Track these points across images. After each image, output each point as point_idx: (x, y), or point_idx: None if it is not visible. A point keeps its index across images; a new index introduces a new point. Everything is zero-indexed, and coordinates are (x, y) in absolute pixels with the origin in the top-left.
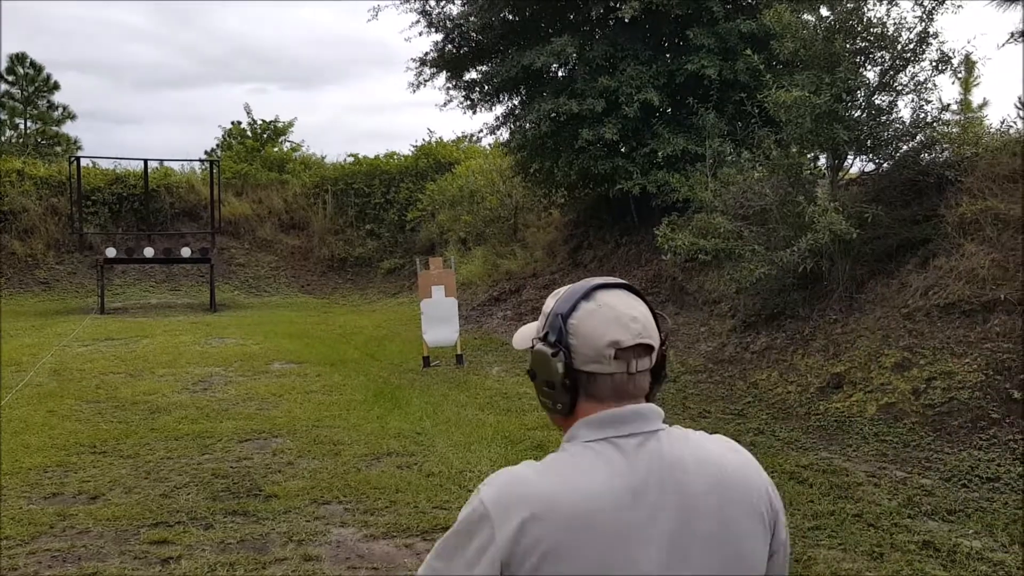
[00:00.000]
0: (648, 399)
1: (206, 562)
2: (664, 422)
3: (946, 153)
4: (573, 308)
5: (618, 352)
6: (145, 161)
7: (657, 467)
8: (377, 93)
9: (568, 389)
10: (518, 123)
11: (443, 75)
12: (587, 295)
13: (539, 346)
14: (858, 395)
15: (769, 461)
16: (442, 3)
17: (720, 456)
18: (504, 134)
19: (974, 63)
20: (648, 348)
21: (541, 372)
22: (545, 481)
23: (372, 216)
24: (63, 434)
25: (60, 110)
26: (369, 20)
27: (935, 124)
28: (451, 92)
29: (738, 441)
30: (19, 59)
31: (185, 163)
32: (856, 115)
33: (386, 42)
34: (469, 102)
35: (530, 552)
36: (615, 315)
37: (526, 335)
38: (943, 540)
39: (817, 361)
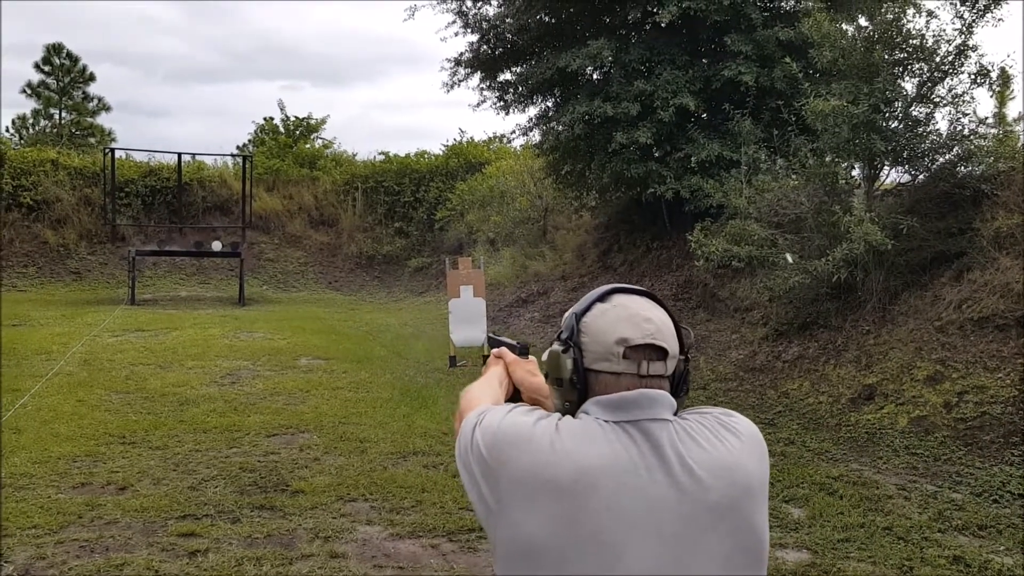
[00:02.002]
0: None
1: (233, 556)
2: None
3: (982, 166)
4: (588, 308)
5: (627, 351)
6: (179, 155)
7: (664, 457)
8: (406, 92)
9: (576, 387)
10: (551, 125)
11: (477, 75)
12: (603, 297)
13: (553, 346)
14: (889, 407)
15: (799, 472)
16: (479, 4)
17: (729, 458)
18: (536, 135)
19: (1010, 76)
20: (661, 352)
21: (552, 370)
22: (559, 443)
23: (401, 214)
24: (92, 424)
25: (95, 101)
26: (405, 20)
27: (972, 137)
28: (485, 93)
29: (768, 451)
30: (55, 49)
31: (218, 157)
32: (893, 126)
33: (415, 41)
34: (502, 103)
35: (514, 496)
36: (628, 314)
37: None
38: (974, 556)
39: (849, 372)
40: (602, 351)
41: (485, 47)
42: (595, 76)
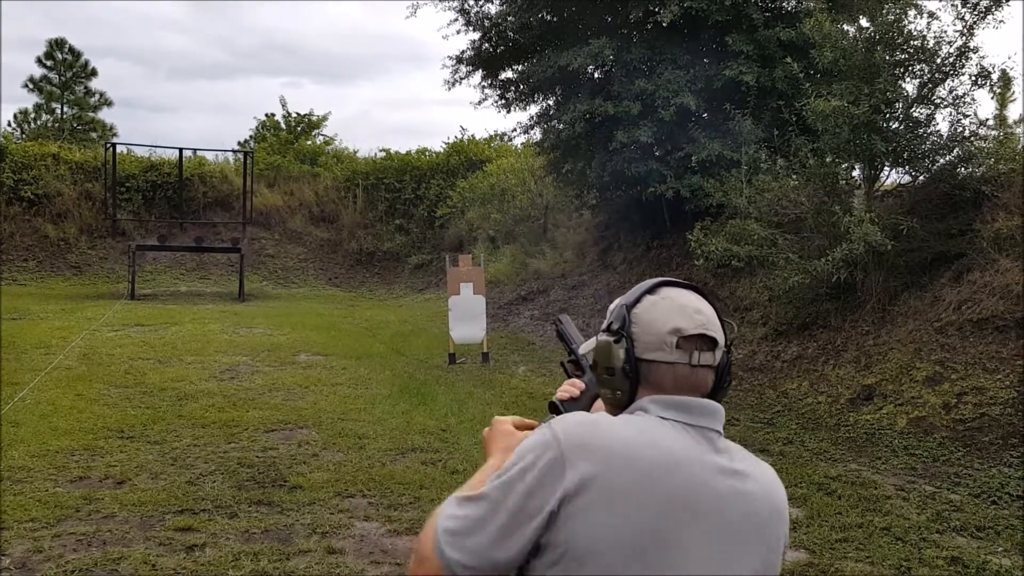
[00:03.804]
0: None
1: (230, 551)
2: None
3: (983, 168)
4: (638, 300)
5: (680, 341)
6: (180, 150)
7: (721, 461)
8: (407, 89)
9: (628, 376)
10: (552, 123)
11: (479, 73)
12: (652, 289)
13: (602, 336)
14: (889, 408)
15: (798, 471)
16: (481, 2)
17: (769, 482)
18: (537, 134)
19: (1011, 79)
20: (712, 342)
21: (602, 360)
22: (627, 431)
23: (402, 211)
24: (91, 418)
25: (97, 96)
26: (407, 17)
27: (972, 139)
28: (486, 90)
29: (767, 451)
30: (58, 44)
31: (219, 153)
32: (894, 127)
33: (418, 38)
34: (504, 101)
35: (594, 497)
36: (678, 306)
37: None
38: (972, 557)
39: (848, 372)
40: (655, 341)
41: (487, 45)
42: (596, 75)
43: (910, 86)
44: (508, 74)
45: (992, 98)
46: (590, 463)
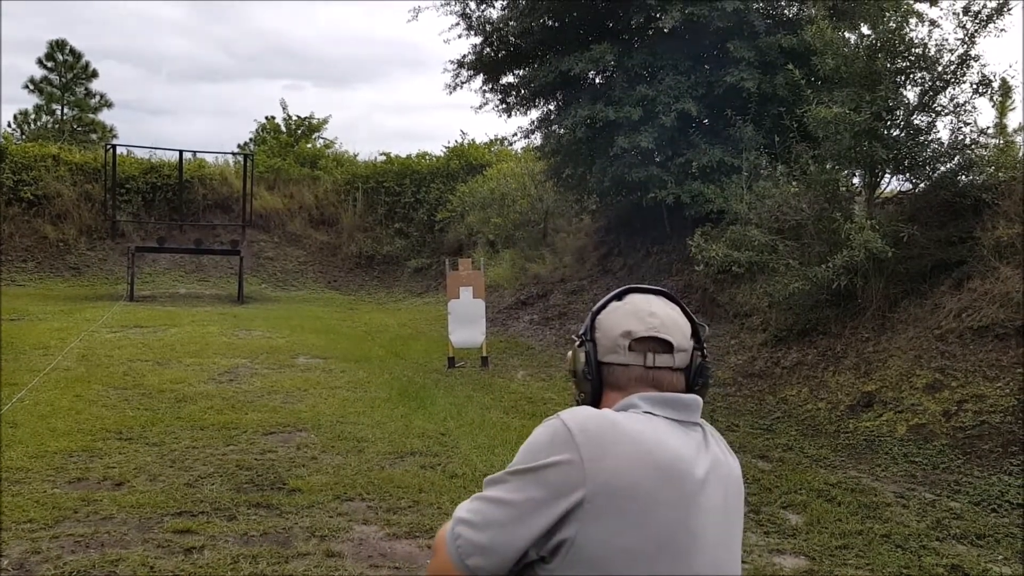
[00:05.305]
0: None
1: (229, 553)
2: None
3: (983, 176)
4: (603, 306)
5: (632, 343)
6: (180, 152)
7: (710, 456)
8: (408, 93)
9: (588, 379)
10: (553, 128)
11: (480, 78)
12: (619, 296)
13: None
14: (888, 415)
15: (797, 478)
16: (482, 6)
17: (732, 462)
18: (538, 138)
19: (1011, 87)
20: (666, 344)
21: (571, 363)
22: (636, 425)
23: (401, 215)
24: (89, 419)
25: (97, 98)
26: (409, 21)
27: (973, 147)
28: (487, 95)
29: (766, 457)
30: (59, 45)
31: (219, 155)
32: (895, 134)
33: (418, 43)
34: (505, 105)
35: (614, 491)
36: (634, 310)
37: None
38: (972, 564)
39: (848, 379)
40: (610, 344)
41: (488, 50)
42: (597, 80)
43: (911, 94)
44: (509, 79)
45: (992, 106)
46: (609, 462)
